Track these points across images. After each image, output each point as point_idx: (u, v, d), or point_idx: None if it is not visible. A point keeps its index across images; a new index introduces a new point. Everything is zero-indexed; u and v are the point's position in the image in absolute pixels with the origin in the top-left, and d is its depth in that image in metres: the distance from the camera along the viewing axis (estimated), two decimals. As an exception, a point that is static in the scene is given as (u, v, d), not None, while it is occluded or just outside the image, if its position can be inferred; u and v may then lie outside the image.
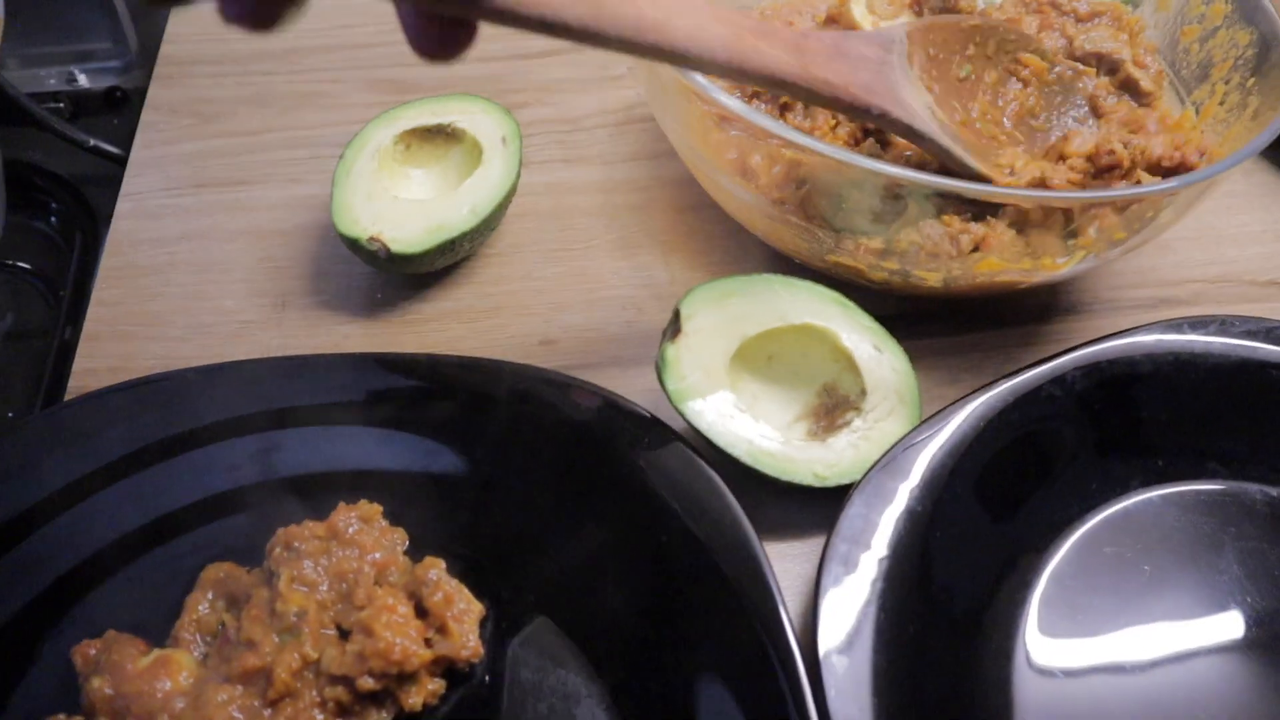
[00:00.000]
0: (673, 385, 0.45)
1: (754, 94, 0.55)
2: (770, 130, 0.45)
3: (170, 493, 0.44)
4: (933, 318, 0.55)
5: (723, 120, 0.49)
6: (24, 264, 0.63)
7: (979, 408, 0.45)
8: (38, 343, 0.60)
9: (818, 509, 0.46)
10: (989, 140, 0.51)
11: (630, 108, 0.66)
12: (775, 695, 0.37)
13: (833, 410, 0.48)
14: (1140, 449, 0.47)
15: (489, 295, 0.56)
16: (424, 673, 0.40)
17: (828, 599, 0.39)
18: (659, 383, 0.46)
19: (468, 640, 0.40)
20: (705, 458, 0.43)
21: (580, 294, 0.56)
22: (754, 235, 0.56)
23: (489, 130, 0.56)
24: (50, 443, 0.44)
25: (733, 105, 0.46)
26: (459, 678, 0.41)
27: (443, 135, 0.57)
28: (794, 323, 0.47)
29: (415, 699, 0.39)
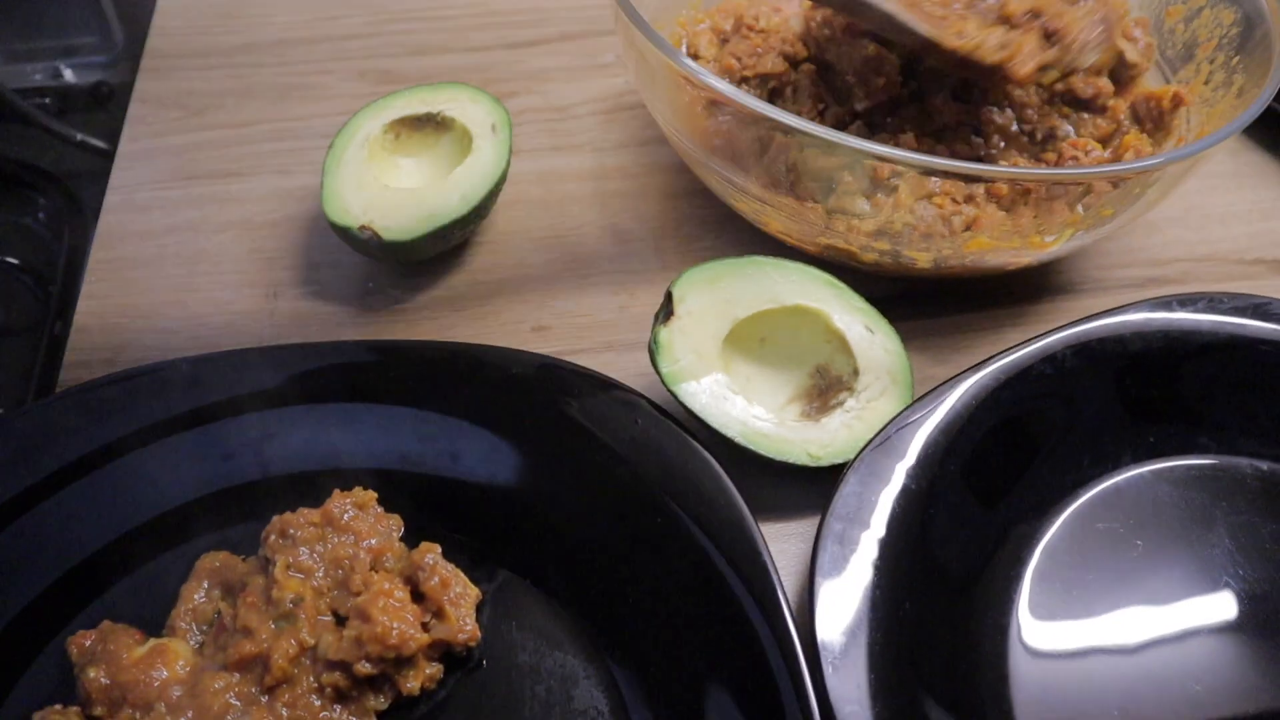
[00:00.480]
0: (666, 368, 0.45)
1: (742, 78, 0.55)
2: (760, 113, 0.45)
3: (165, 483, 0.44)
4: (924, 299, 0.55)
5: (712, 105, 0.49)
6: (12, 259, 0.63)
7: (972, 386, 0.45)
8: (28, 338, 0.59)
9: (812, 489, 0.46)
10: (940, 20, 0.49)
11: (619, 95, 0.66)
12: (772, 673, 0.37)
13: (826, 391, 0.48)
14: (1131, 425, 0.47)
15: (481, 283, 0.56)
16: (421, 657, 0.40)
17: (824, 577, 0.40)
18: (652, 366, 0.46)
19: (464, 624, 0.40)
20: (699, 439, 0.44)
21: (572, 280, 0.56)
22: (745, 220, 0.56)
23: (479, 118, 0.56)
24: (43, 435, 0.44)
25: (722, 89, 0.46)
26: (456, 661, 0.41)
27: (432, 124, 0.57)
28: (786, 304, 0.48)
29: (413, 683, 0.40)
